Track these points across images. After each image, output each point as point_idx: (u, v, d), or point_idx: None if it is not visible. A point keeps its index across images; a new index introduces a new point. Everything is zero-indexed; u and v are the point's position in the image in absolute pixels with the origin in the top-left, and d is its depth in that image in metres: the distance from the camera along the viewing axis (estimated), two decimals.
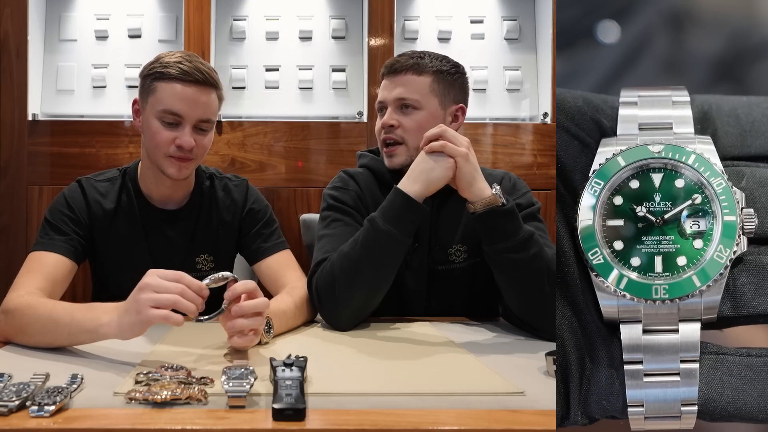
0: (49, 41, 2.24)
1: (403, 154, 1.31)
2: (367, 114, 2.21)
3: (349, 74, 2.27)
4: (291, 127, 2.20)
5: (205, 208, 1.36)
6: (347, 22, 2.29)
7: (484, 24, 2.31)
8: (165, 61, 1.22)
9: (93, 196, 1.30)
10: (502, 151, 2.22)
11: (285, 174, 2.19)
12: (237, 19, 2.27)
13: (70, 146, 2.15)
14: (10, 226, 2.14)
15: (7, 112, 2.14)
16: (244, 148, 2.19)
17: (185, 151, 1.22)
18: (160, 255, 1.33)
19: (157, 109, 1.21)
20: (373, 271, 1.15)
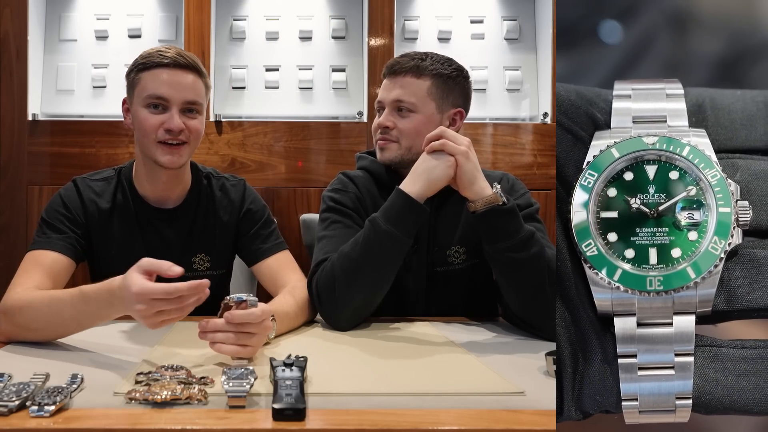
0: (49, 41, 2.24)
1: (394, 150, 1.31)
2: (367, 114, 2.21)
3: (349, 74, 2.27)
4: (291, 127, 2.20)
5: (202, 207, 1.36)
6: (347, 22, 2.29)
7: (484, 24, 2.31)
8: (146, 53, 1.24)
9: (88, 195, 1.30)
10: (502, 151, 2.22)
11: (285, 174, 2.19)
12: (237, 19, 2.27)
13: (70, 146, 2.15)
14: (10, 226, 2.14)
15: (7, 112, 2.14)
16: (244, 148, 2.19)
17: (175, 135, 1.22)
18: (157, 254, 1.30)
19: (143, 96, 1.22)
20: (374, 271, 1.15)
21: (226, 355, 0.92)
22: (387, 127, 1.31)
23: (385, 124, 1.31)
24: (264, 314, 0.94)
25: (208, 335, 0.92)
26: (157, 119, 1.22)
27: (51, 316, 0.99)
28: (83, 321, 0.98)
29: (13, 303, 1.05)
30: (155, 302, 0.86)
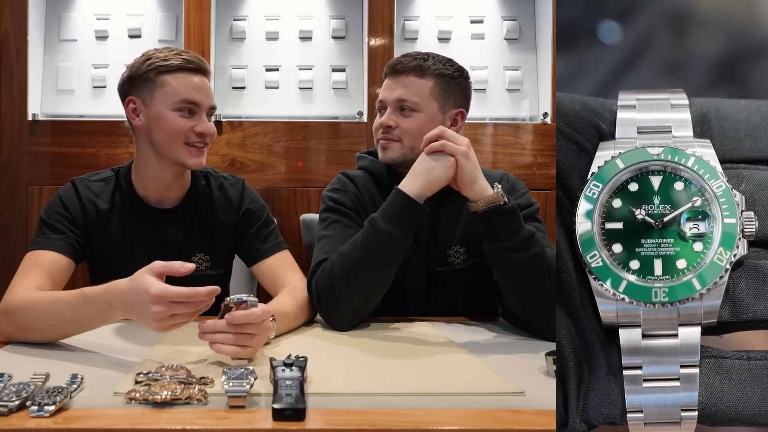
0: (49, 41, 2.24)
1: (396, 150, 1.31)
2: (367, 114, 2.21)
3: (349, 74, 2.27)
4: (291, 127, 2.20)
5: (201, 206, 1.36)
6: (347, 22, 2.29)
7: (484, 24, 2.31)
8: (161, 56, 1.25)
9: (87, 195, 1.30)
10: (502, 151, 2.22)
11: (285, 174, 2.19)
12: (237, 19, 2.27)
13: (70, 146, 2.15)
14: (10, 226, 2.14)
15: (7, 112, 2.14)
16: (244, 148, 2.19)
17: (203, 138, 1.26)
18: (156, 254, 1.30)
19: (172, 100, 1.24)
20: (373, 271, 1.15)
21: (226, 356, 0.92)
22: (389, 126, 1.31)
23: (388, 123, 1.31)
24: (264, 314, 0.94)
25: (207, 336, 0.92)
26: (188, 123, 1.25)
27: (51, 317, 0.99)
28: (83, 323, 0.98)
29: (14, 303, 1.05)
30: (173, 305, 0.87)
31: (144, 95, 1.26)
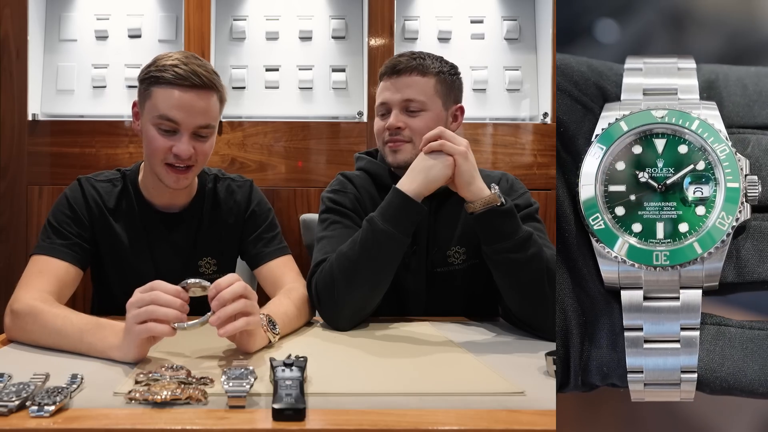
0: (49, 41, 2.24)
1: (408, 152, 1.30)
2: (367, 114, 2.21)
3: (349, 74, 2.27)
4: (291, 127, 2.20)
5: (208, 210, 1.34)
6: (347, 22, 2.29)
7: (484, 24, 2.31)
8: (161, 64, 1.18)
9: (92, 195, 1.29)
10: (502, 151, 2.22)
11: (285, 174, 2.19)
12: (237, 19, 2.27)
13: (70, 146, 2.15)
14: (10, 226, 2.13)
15: (7, 112, 2.14)
16: (244, 148, 2.19)
17: (183, 160, 1.19)
18: (163, 259, 1.31)
19: (153, 115, 1.18)
20: (372, 270, 1.15)
21: (235, 346, 0.93)
22: (399, 128, 1.30)
23: (397, 125, 1.30)
24: (233, 278, 0.94)
25: (225, 327, 0.91)
26: (166, 143, 1.18)
27: (56, 335, 0.98)
28: (82, 349, 0.96)
29: (26, 308, 1.04)
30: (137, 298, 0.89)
31: (140, 103, 1.23)
